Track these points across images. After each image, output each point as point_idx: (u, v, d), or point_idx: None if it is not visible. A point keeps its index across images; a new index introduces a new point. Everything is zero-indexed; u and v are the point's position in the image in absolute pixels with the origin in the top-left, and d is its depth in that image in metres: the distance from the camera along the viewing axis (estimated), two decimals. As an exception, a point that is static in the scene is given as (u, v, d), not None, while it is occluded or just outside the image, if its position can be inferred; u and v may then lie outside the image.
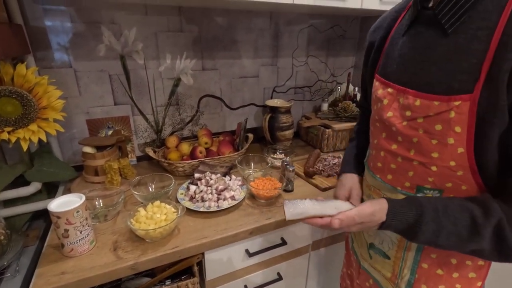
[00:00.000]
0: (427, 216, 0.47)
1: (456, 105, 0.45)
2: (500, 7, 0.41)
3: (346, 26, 1.45)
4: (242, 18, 1.21)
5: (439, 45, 0.48)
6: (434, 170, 0.50)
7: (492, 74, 0.42)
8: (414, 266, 0.59)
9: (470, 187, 0.49)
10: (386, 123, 0.56)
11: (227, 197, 0.89)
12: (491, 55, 0.42)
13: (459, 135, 0.46)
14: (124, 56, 1.05)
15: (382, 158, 0.60)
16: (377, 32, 0.65)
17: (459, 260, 0.56)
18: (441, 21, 0.47)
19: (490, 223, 0.44)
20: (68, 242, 0.68)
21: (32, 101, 0.83)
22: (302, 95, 1.50)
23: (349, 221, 0.51)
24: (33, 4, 0.91)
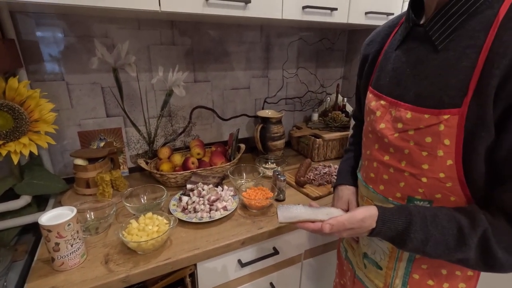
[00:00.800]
0: (416, 224, 0.49)
1: (446, 118, 0.46)
2: (487, 27, 0.44)
3: (334, 39, 1.50)
4: (233, 32, 1.25)
5: (430, 61, 0.50)
6: (424, 181, 0.52)
7: (479, 90, 0.43)
8: (405, 277, 0.60)
9: (458, 199, 0.51)
10: (379, 135, 0.58)
11: (219, 207, 0.90)
12: (478, 72, 0.44)
13: (448, 148, 0.47)
14: (117, 69, 1.06)
15: (374, 169, 0.61)
16: (371, 45, 0.68)
17: (449, 271, 0.57)
18: (431, 37, 0.50)
19: (476, 233, 0.46)
20: (58, 256, 0.67)
21: (24, 114, 0.84)
22: (292, 105, 1.53)
23: (340, 226, 0.52)
24: (26, 18, 0.92)
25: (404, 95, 0.53)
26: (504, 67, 0.41)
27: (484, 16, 0.45)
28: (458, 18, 0.47)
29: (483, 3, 0.45)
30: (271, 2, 0.94)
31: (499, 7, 0.43)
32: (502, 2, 0.43)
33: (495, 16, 0.43)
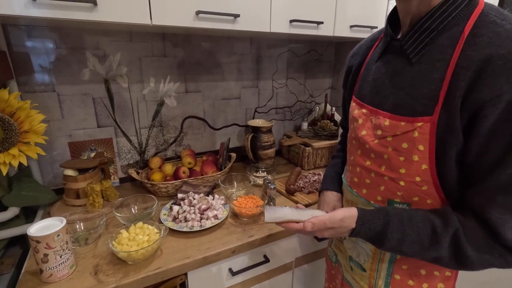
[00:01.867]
0: (393, 225, 0.51)
1: (419, 125, 0.50)
2: (454, 43, 0.48)
3: (322, 50, 1.55)
4: (224, 43, 1.28)
5: (405, 73, 0.54)
6: (402, 185, 0.55)
7: (447, 100, 0.47)
8: (387, 278, 0.63)
9: (434, 201, 0.53)
10: (361, 141, 0.61)
11: (210, 216, 0.91)
12: (447, 83, 0.47)
13: (422, 153, 0.50)
14: (108, 80, 1.08)
15: (358, 174, 0.64)
16: (355, 58, 0.72)
17: (427, 271, 0.60)
18: (406, 51, 0.54)
19: (448, 233, 0.49)
20: (47, 267, 0.67)
21: (14, 125, 0.84)
22: (283, 115, 1.56)
23: (321, 225, 0.55)
24: (17, 30, 0.93)
25: (383, 104, 0.57)
26: (468, 80, 0.44)
27: (451, 32, 0.49)
28: (429, 34, 0.51)
29: (450, 21, 0.49)
30: (259, 16, 0.98)
31: (464, 25, 0.47)
32: (467, 21, 0.47)
33: (461, 33, 0.47)
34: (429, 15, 0.50)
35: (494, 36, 0.44)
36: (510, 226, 0.45)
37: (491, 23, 0.45)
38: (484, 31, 0.45)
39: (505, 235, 0.45)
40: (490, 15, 0.46)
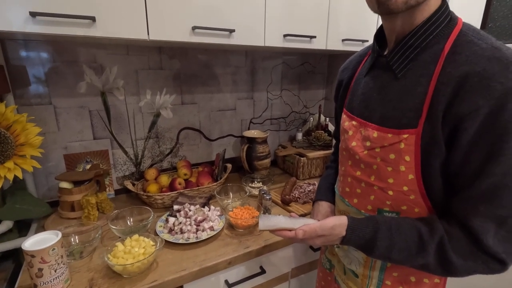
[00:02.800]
0: (382, 233, 0.53)
1: (405, 137, 0.52)
2: (435, 59, 0.51)
3: (315, 62, 1.59)
4: (219, 56, 1.31)
5: (392, 87, 0.57)
6: (390, 194, 0.57)
7: (430, 113, 0.50)
8: (379, 284, 0.64)
9: (422, 210, 0.55)
10: (351, 152, 0.63)
11: (206, 227, 0.91)
12: (429, 97, 0.50)
13: (408, 163, 0.53)
14: (105, 92, 1.09)
15: (349, 184, 0.66)
16: (345, 72, 0.75)
17: (417, 278, 0.61)
18: (392, 67, 0.56)
19: (433, 240, 0.50)
20: (41, 282, 0.66)
21: (10, 139, 0.84)
22: (277, 125, 1.58)
23: (312, 233, 0.57)
24: (15, 44, 0.94)
25: (371, 117, 0.59)
26: (448, 95, 0.47)
27: (433, 50, 0.52)
28: (413, 51, 0.54)
29: (432, 39, 0.52)
30: (254, 31, 1.01)
31: (444, 43, 0.51)
32: (447, 39, 0.51)
33: (442, 51, 0.50)
34: (413, 34, 0.53)
35: (471, 55, 0.47)
36: (492, 234, 0.47)
37: (469, 42, 0.48)
38: (462, 49, 0.48)
39: (487, 243, 0.47)
40: (468, 34, 0.50)
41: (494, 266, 0.49)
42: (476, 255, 0.49)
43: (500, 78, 0.43)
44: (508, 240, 0.47)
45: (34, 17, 0.69)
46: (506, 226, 0.47)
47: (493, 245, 0.47)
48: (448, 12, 0.53)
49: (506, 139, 0.44)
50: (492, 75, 0.44)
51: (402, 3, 0.49)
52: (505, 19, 1.04)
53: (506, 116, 0.43)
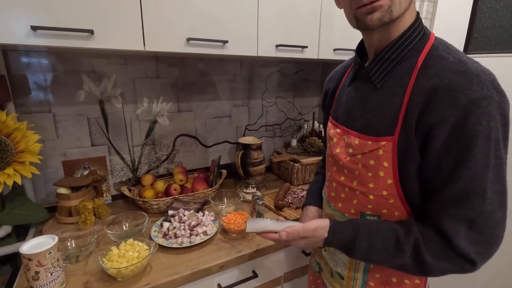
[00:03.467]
0: (361, 235, 0.56)
1: (383, 144, 0.55)
2: (410, 72, 0.54)
3: (310, 71, 1.63)
4: (215, 65, 1.34)
5: (372, 97, 0.60)
6: (371, 199, 0.60)
7: (405, 122, 0.53)
8: (363, 285, 0.67)
9: (401, 213, 0.58)
10: (336, 158, 0.66)
11: (200, 232, 0.93)
12: (404, 107, 0.53)
13: (387, 169, 0.56)
14: (103, 101, 1.12)
15: (334, 189, 0.69)
16: (331, 82, 0.80)
17: (398, 279, 0.64)
18: (372, 78, 0.60)
19: (410, 242, 0.53)
20: (37, 285, 0.68)
21: (10, 146, 0.87)
22: (273, 132, 1.61)
23: (295, 234, 0.60)
24: (17, 55, 0.98)
25: (353, 125, 0.63)
26: (420, 105, 0.51)
27: (408, 63, 0.55)
28: (390, 63, 0.57)
29: (407, 53, 0.56)
30: (247, 42, 1.04)
31: (418, 56, 0.54)
32: (420, 53, 0.54)
33: (415, 64, 0.54)
34: (389, 48, 0.57)
35: (440, 68, 0.50)
36: (463, 236, 0.50)
37: (439, 56, 0.52)
38: (433, 63, 0.52)
39: (458, 244, 0.50)
40: (438, 49, 0.53)
41: (465, 266, 0.51)
42: (448, 256, 0.51)
43: (465, 90, 0.47)
44: (478, 241, 0.50)
45: (35, 31, 0.73)
46: (475, 228, 0.49)
47: (464, 246, 0.50)
48: (421, 28, 0.57)
49: (471, 147, 0.47)
50: (458, 87, 0.47)
51: (377, 20, 0.52)
52: (489, 30, 1.08)
53: (471, 125, 0.47)
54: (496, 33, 1.06)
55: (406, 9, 0.54)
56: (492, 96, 0.47)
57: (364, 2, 0.52)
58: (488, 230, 0.50)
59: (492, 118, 0.47)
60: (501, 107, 0.47)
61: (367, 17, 0.53)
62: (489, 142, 0.47)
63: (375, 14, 0.52)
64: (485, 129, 0.46)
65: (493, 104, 0.47)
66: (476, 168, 0.48)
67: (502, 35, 1.04)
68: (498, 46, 1.06)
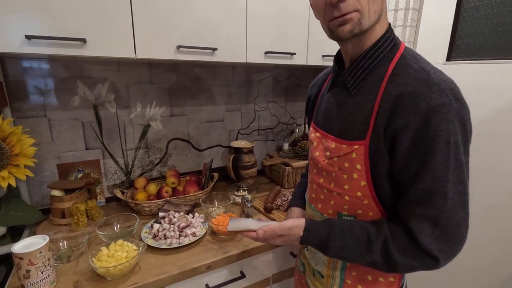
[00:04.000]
0: (335, 234, 0.59)
1: (356, 148, 0.59)
2: (380, 79, 0.58)
3: (301, 76, 1.67)
4: (207, 71, 1.38)
5: (347, 103, 0.64)
6: (347, 199, 0.63)
7: (375, 127, 0.56)
8: (341, 283, 0.69)
9: (375, 214, 0.61)
10: (315, 161, 0.70)
11: (189, 233, 0.96)
12: (375, 113, 0.57)
13: (360, 171, 0.59)
14: (97, 105, 1.16)
15: (314, 190, 0.72)
16: (313, 88, 0.83)
17: (373, 277, 0.66)
18: (347, 85, 0.63)
19: (379, 240, 0.56)
20: (28, 283, 0.71)
21: (5, 149, 0.90)
22: (265, 136, 1.65)
23: (271, 232, 0.63)
24: (14, 62, 1.02)
25: (331, 129, 0.66)
26: (387, 111, 0.54)
27: (379, 71, 0.59)
28: (363, 72, 0.61)
29: (378, 62, 0.59)
30: (236, 49, 1.08)
31: (388, 65, 0.58)
32: (390, 62, 0.58)
33: (386, 72, 0.57)
34: (362, 57, 0.60)
35: (406, 76, 0.54)
36: (427, 233, 0.53)
37: (406, 65, 0.56)
38: (400, 71, 0.55)
39: (422, 241, 0.53)
40: (406, 58, 0.57)
41: (429, 263, 0.54)
42: (414, 253, 0.54)
43: (426, 98, 0.50)
44: (442, 239, 0.53)
45: (29, 40, 0.77)
46: (439, 226, 0.52)
47: (428, 243, 0.53)
48: (392, 38, 0.60)
49: (432, 150, 0.50)
50: (420, 95, 0.51)
51: (347, 32, 0.56)
52: (471, 37, 1.11)
53: (431, 130, 0.50)
54: (478, 41, 1.09)
55: (376, 21, 0.57)
56: (451, 103, 0.50)
57: (335, 15, 0.55)
58: (451, 229, 0.53)
59: (451, 123, 0.50)
60: (459, 114, 0.51)
61: (339, 29, 0.57)
62: (448, 146, 0.50)
63: (346, 26, 0.56)
64: (444, 133, 0.50)
65: (452, 110, 0.50)
66: (437, 169, 0.51)
67: (483, 43, 1.08)
68: (480, 53, 1.10)
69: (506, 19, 1.01)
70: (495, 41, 1.05)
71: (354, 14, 0.54)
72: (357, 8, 0.54)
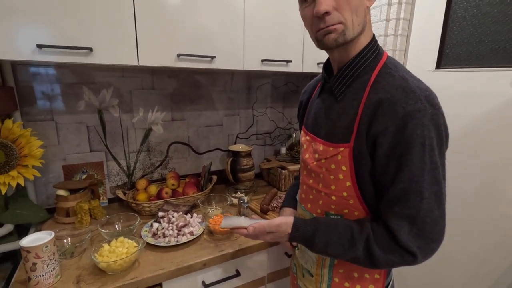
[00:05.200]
0: (320, 231, 0.63)
1: (341, 150, 0.63)
2: (363, 87, 0.62)
3: (298, 82, 1.72)
4: (207, 77, 1.44)
5: (334, 108, 0.68)
6: (333, 199, 0.67)
7: (358, 131, 0.61)
8: (329, 281, 0.73)
9: (360, 213, 0.65)
10: (305, 163, 0.74)
11: (186, 232, 1.00)
12: (358, 118, 0.61)
13: (345, 172, 0.63)
14: (102, 110, 1.22)
15: (304, 191, 0.77)
16: (305, 94, 0.88)
17: (359, 274, 0.70)
18: (334, 91, 0.68)
19: (361, 237, 0.60)
20: (34, 276, 0.76)
21: (15, 151, 0.96)
22: (263, 140, 1.69)
23: (261, 229, 0.67)
24: (24, 68, 1.08)
25: (319, 133, 0.71)
26: (369, 116, 0.59)
27: (363, 79, 0.63)
28: (348, 79, 0.65)
29: (362, 70, 0.64)
30: (233, 57, 1.14)
31: (371, 73, 0.62)
32: (373, 71, 0.63)
33: (369, 80, 0.62)
34: (347, 65, 0.65)
35: (386, 84, 0.59)
36: (405, 231, 0.56)
37: (387, 74, 0.60)
38: (381, 79, 0.60)
39: (401, 238, 0.56)
40: (387, 66, 0.62)
41: (407, 259, 0.58)
42: (394, 249, 0.58)
43: (403, 104, 0.55)
44: (420, 237, 0.56)
45: (40, 48, 0.83)
46: (416, 224, 0.56)
47: (407, 240, 0.56)
48: (376, 47, 0.65)
49: (409, 152, 0.54)
50: (397, 100, 0.55)
51: (332, 40, 0.61)
52: (458, 46, 1.16)
53: (407, 133, 0.54)
54: (465, 50, 1.14)
55: (359, 33, 0.62)
56: (426, 109, 0.54)
57: (321, 26, 0.60)
58: (427, 227, 0.56)
59: (426, 128, 0.54)
60: (433, 119, 0.55)
61: (324, 38, 0.61)
62: (424, 149, 0.54)
63: (331, 35, 0.61)
64: (419, 137, 0.54)
65: (427, 116, 0.54)
66: (413, 171, 0.55)
67: (470, 51, 1.12)
68: (467, 61, 1.14)
69: (491, 29, 1.06)
70: (481, 50, 1.09)
71: (338, 26, 0.59)
72: (341, 21, 0.59)
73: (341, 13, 0.58)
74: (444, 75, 1.20)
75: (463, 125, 1.16)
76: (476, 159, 1.15)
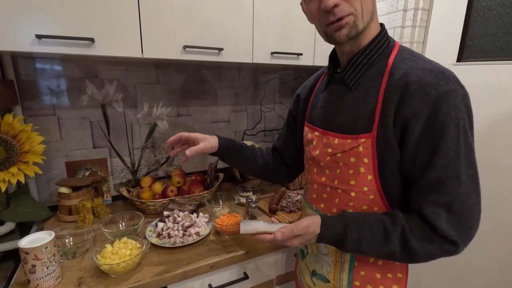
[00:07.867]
0: (351, 226, 0.58)
1: (362, 141, 0.58)
2: (381, 74, 0.59)
3: (308, 77, 1.65)
4: (213, 72, 1.39)
5: (347, 98, 0.64)
6: (352, 196, 0.62)
7: (382, 119, 0.56)
8: (349, 285, 0.68)
9: (380, 209, 0.61)
10: (316, 160, 0.69)
11: (192, 233, 0.96)
12: (379, 105, 0.57)
13: (367, 165, 0.59)
14: (105, 105, 1.18)
15: (315, 190, 0.72)
16: (304, 89, 0.84)
17: (382, 275, 0.65)
18: (346, 81, 0.64)
19: (396, 230, 0.56)
20: (34, 278, 0.72)
21: (15, 146, 0.92)
22: (271, 137, 1.64)
23: (289, 233, 0.61)
24: (25, 61, 1.04)
25: (331, 126, 0.66)
26: (395, 102, 0.55)
27: (378, 66, 0.60)
28: (362, 67, 0.61)
29: (376, 57, 0.60)
30: (242, 49, 1.08)
31: (387, 60, 0.59)
32: (388, 57, 0.59)
33: (386, 66, 0.58)
34: (360, 53, 0.61)
35: (408, 68, 0.55)
36: (444, 219, 0.53)
37: (406, 59, 0.57)
38: (401, 65, 0.57)
39: (441, 227, 0.53)
40: (404, 53, 0.59)
41: (448, 248, 0.54)
42: (433, 239, 0.54)
43: (434, 85, 0.51)
44: (458, 224, 0.53)
45: (39, 39, 0.78)
46: (454, 211, 0.52)
47: (446, 229, 0.53)
48: (387, 37, 0.62)
49: (444, 135, 0.51)
50: (427, 83, 0.52)
51: (344, 36, 0.57)
52: (482, 38, 1.09)
53: (442, 115, 0.51)
54: (489, 41, 1.07)
55: (369, 21, 0.58)
56: (457, 89, 0.51)
57: (331, 19, 0.56)
58: (465, 214, 0.53)
59: (459, 109, 0.51)
60: (464, 100, 0.52)
61: (335, 34, 0.58)
62: (458, 131, 0.51)
63: (342, 31, 0.57)
64: (454, 119, 0.51)
65: (458, 97, 0.51)
66: (449, 154, 0.51)
67: (495, 43, 1.05)
68: (491, 53, 1.07)
69: (519, 18, 0.98)
70: (507, 41, 1.02)
71: (349, 18, 0.55)
72: (351, 12, 0.55)
73: (350, 3, 0.55)
74: (466, 68, 1.13)
75: (487, 123, 1.09)
76: (499, 158, 1.08)
